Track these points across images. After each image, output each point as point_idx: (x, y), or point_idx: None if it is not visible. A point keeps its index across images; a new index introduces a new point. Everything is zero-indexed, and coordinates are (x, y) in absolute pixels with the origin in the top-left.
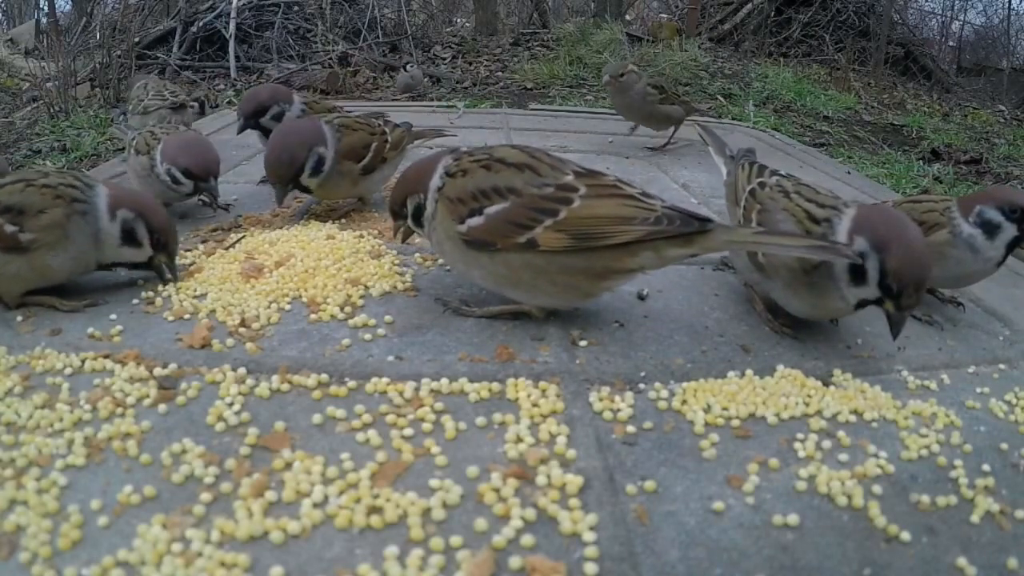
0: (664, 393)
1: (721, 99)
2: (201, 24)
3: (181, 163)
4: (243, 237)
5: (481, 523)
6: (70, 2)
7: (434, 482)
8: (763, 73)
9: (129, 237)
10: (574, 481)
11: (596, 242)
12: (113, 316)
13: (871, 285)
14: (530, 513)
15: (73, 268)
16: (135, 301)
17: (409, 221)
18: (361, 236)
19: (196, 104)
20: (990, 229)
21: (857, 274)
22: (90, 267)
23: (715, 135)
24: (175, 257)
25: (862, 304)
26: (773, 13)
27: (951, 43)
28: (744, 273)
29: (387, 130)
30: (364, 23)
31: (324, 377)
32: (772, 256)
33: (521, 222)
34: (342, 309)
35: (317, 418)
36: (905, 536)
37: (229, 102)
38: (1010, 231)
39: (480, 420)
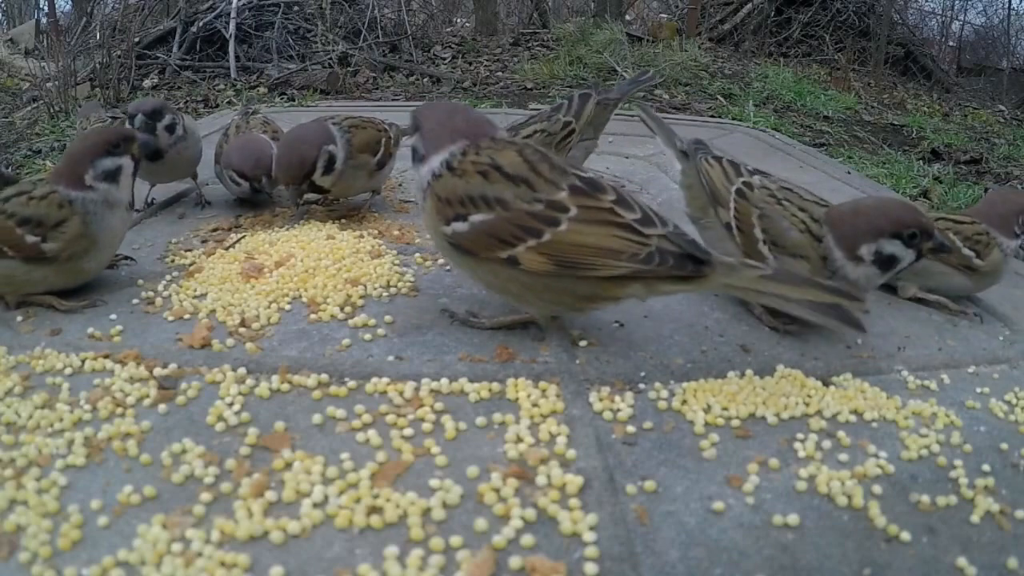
0: (664, 393)
1: (721, 99)
2: (201, 24)
3: (235, 164)
4: (243, 237)
5: (481, 523)
6: (70, 2)
7: (434, 482)
8: (763, 73)
9: (111, 176)
10: (574, 481)
11: (579, 271)
12: (113, 316)
13: (904, 256)
14: (530, 513)
15: (109, 256)
16: (135, 301)
17: (410, 135)
18: (361, 236)
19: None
20: None
21: (887, 262)
22: (124, 236)
23: (661, 122)
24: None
25: (898, 272)
26: (773, 13)
27: (951, 43)
28: None
29: (387, 128)
30: (364, 23)
31: (324, 377)
32: (785, 265)
33: (504, 238)
34: (342, 309)
35: (317, 418)
36: (905, 536)
37: (229, 102)
38: None
39: (480, 420)
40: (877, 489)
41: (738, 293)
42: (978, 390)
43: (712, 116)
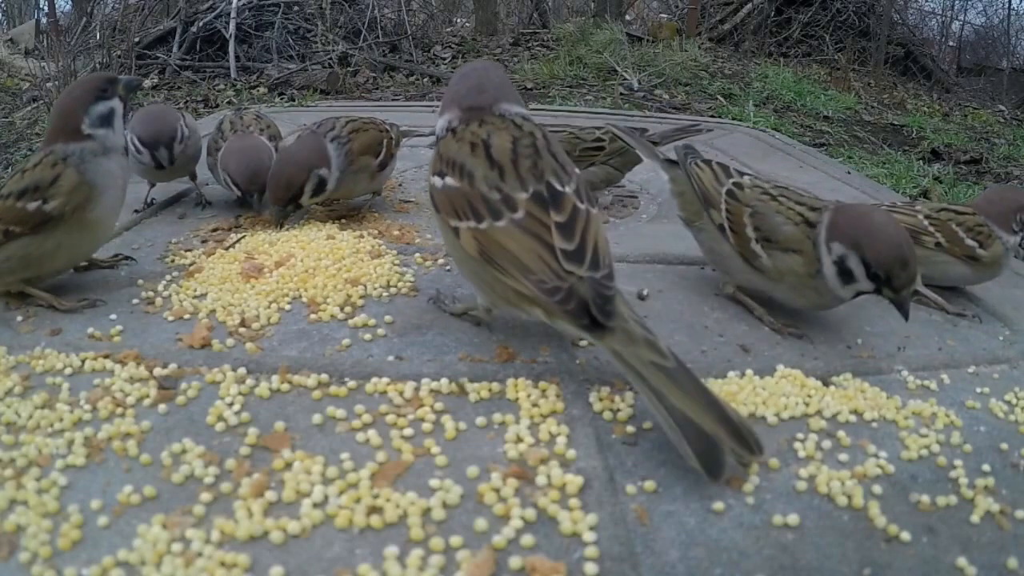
0: None
1: (721, 99)
2: (201, 24)
3: (231, 169)
4: (243, 237)
5: (481, 523)
6: (70, 2)
7: (434, 482)
8: (763, 73)
9: (106, 120)
10: (574, 481)
11: (494, 270)
12: (113, 316)
13: (861, 280)
14: (530, 513)
15: (116, 206)
16: (135, 301)
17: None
18: (361, 236)
19: None
20: None
21: (845, 274)
22: (126, 184)
23: (640, 139)
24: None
25: (860, 294)
26: (773, 13)
27: (951, 43)
28: (736, 275)
29: (388, 128)
30: (364, 23)
31: (324, 377)
32: (778, 261)
33: (457, 209)
34: (342, 309)
35: (317, 418)
36: (905, 536)
37: (229, 102)
38: None
39: (480, 420)
40: (877, 489)
41: (621, 368)
42: (978, 390)
43: (712, 116)
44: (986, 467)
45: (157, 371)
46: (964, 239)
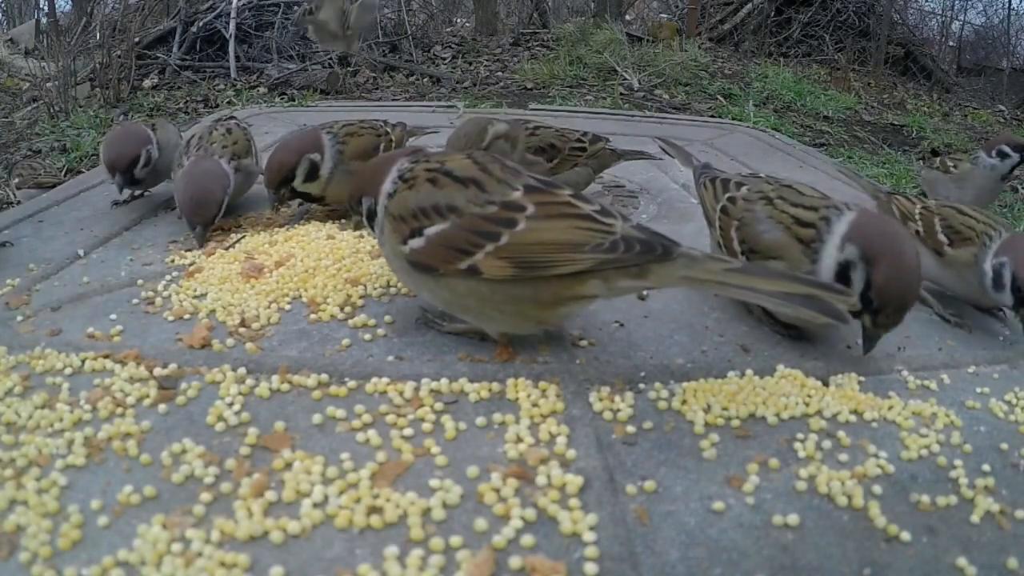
0: (664, 393)
1: (721, 99)
2: (201, 24)
3: (179, 198)
4: (243, 237)
5: (481, 523)
6: (70, 2)
7: (434, 482)
8: (763, 73)
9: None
10: (574, 481)
11: (541, 271)
12: (113, 316)
13: (856, 269)
14: (530, 513)
15: None
16: (135, 301)
17: (364, 220)
18: (361, 236)
19: None
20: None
21: (842, 280)
22: None
23: (679, 147)
24: None
25: None
26: (773, 13)
27: (951, 43)
28: None
29: (389, 130)
30: None
31: (324, 377)
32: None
33: (461, 247)
34: (342, 309)
35: (317, 418)
36: (905, 536)
37: (229, 102)
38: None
39: (480, 420)
40: (877, 489)
41: (700, 287)
42: (978, 390)
43: (712, 116)
44: (986, 467)
45: (157, 371)
46: (938, 233)
